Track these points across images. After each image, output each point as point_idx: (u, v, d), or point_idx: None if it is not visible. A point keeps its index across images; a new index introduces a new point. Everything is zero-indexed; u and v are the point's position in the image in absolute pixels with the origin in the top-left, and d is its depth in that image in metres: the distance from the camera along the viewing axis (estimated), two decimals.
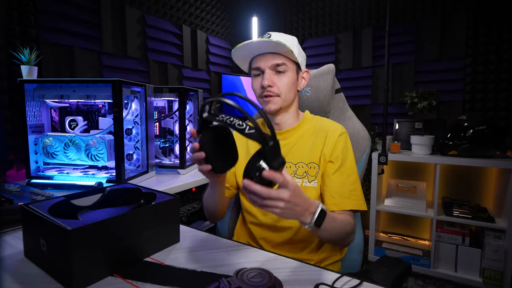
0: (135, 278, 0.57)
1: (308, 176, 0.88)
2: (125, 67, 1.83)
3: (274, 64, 0.87)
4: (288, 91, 0.89)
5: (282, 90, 0.88)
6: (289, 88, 0.89)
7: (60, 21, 1.48)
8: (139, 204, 0.76)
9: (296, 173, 0.89)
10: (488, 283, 1.79)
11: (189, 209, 1.51)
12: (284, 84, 0.88)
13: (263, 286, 0.50)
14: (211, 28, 2.52)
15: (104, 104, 1.28)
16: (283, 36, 0.88)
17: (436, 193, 1.90)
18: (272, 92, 0.88)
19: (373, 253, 2.14)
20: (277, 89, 0.88)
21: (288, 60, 0.88)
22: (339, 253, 0.95)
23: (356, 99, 2.48)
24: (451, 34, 2.13)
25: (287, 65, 0.88)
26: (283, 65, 0.87)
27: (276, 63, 0.87)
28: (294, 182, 0.58)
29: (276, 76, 0.88)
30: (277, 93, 0.88)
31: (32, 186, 1.09)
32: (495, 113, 2.03)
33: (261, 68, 0.88)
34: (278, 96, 0.88)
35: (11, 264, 0.62)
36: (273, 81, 0.87)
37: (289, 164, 0.90)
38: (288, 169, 0.90)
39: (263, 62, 0.88)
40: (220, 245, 0.73)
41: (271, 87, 0.87)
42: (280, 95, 0.88)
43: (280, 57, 0.87)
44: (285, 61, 0.87)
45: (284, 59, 0.87)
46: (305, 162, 0.89)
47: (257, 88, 0.91)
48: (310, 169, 0.89)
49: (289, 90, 0.89)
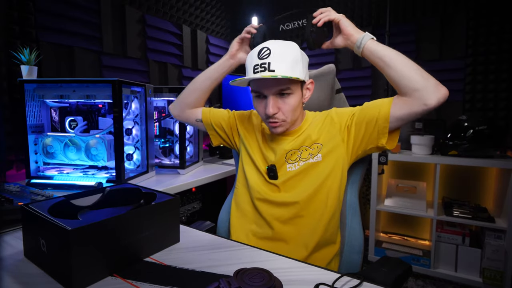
0: (135, 278, 0.57)
1: (312, 155, 0.90)
2: (125, 67, 1.83)
3: (278, 90, 0.84)
4: (293, 114, 0.88)
5: (287, 114, 0.86)
6: (295, 110, 0.87)
7: (60, 21, 1.47)
8: (139, 204, 0.76)
9: (300, 157, 0.91)
10: (488, 283, 1.78)
11: (189, 209, 1.51)
12: (290, 109, 0.86)
13: (263, 286, 0.50)
14: (211, 28, 2.52)
15: (104, 104, 1.28)
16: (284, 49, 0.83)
17: (436, 193, 1.90)
18: (278, 119, 0.86)
19: (373, 253, 2.14)
20: (283, 115, 0.86)
21: (293, 82, 0.84)
22: (338, 245, 0.94)
23: (356, 99, 2.47)
24: (451, 34, 2.13)
25: (292, 88, 0.84)
26: (288, 89, 0.84)
27: (280, 88, 0.83)
28: None
29: (281, 100, 0.85)
30: (283, 118, 0.87)
31: (32, 186, 1.09)
32: (495, 113, 2.03)
33: (263, 93, 0.85)
34: (284, 121, 0.87)
35: (11, 264, 0.62)
36: (278, 107, 0.85)
37: (293, 151, 0.92)
38: (293, 155, 0.91)
39: (266, 89, 0.84)
40: (220, 245, 0.73)
41: (276, 113, 0.85)
42: (286, 119, 0.87)
43: (284, 82, 0.83)
44: (289, 85, 0.83)
45: (288, 83, 0.83)
46: (308, 144, 0.91)
47: (261, 112, 0.89)
48: (313, 150, 0.91)
49: (295, 111, 0.88)
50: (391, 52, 0.82)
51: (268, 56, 0.81)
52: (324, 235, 0.90)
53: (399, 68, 0.79)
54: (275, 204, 0.91)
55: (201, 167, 1.64)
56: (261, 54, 0.82)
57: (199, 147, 1.63)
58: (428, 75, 0.78)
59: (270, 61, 0.80)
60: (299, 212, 0.89)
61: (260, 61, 0.81)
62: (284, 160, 0.92)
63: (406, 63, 0.80)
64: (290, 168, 0.91)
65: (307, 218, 0.89)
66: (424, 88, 0.76)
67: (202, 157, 1.70)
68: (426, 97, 0.76)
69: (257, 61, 0.82)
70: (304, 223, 0.89)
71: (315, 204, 0.89)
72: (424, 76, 0.77)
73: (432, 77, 0.78)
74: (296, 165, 0.91)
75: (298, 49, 0.86)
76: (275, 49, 0.82)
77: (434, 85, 0.76)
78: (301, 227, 0.89)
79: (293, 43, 0.87)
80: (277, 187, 0.92)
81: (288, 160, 0.92)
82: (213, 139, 1.10)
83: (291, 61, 0.82)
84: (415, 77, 0.77)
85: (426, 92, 0.76)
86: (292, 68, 0.81)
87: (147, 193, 0.77)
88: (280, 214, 0.90)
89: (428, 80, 0.77)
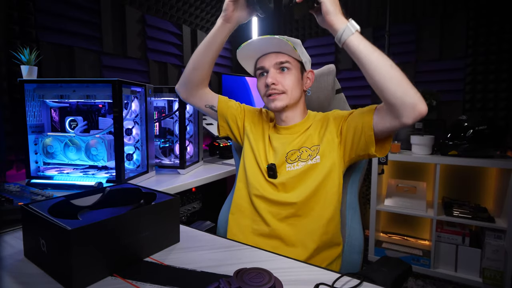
0: (135, 278, 0.57)
1: (311, 156, 0.91)
2: (125, 67, 1.83)
3: (278, 62, 0.90)
4: (293, 88, 0.91)
5: (287, 87, 0.91)
6: (294, 85, 0.91)
7: (60, 21, 1.47)
8: (139, 204, 0.76)
9: (300, 158, 0.92)
10: (488, 283, 1.78)
11: (189, 209, 1.51)
12: (289, 82, 0.90)
13: (263, 286, 0.50)
14: (211, 28, 2.52)
15: (104, 104, 1.28)
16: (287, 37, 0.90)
17: (436, 193, 1.90)
18: (277, 90, 0.90)
19: (373, 253, 2.14)
20: (282, 87, 0.90)
21: (292, 59, 0.92)
22: (340, 247, 0.94)
23: (356, 99, 2.47)
24: (451, 34, 2.13)
25: (291, 63, 0.91)
26: (287, 62, 0.90)
27: (280, 61, 0.90)
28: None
29: (280, 74, 0.91)
30: (282, 90, 0.90)
31: (32, 186, 1.09)
32: (495, 113, 2.03)
33: (265, 67, 0.92)
34: (283, 93, 0.90)
35: (11, 264, 0.62)
36: (277, 79, 0.90)
37: (293, 151, 0.93)
38: (293, 155, 0.92)
39: (267, 61, 0.92)
40: (220, 245, 0.73)
41: (275, 84, 0.90)
42: (286, 92, 0.91)
43: (283, 55, 0.90)
44: (288, 59, 0.91)
45: (287, 57, 0.91)
46: (308, 146, 0.92)
47: (262, 87, 0.94)
48: (313, 151, 0.91)
49: (294, 87, 0.92)
50: (372, 56, 0.73)
51: None
52: (324, 237, 0.89)
53: (377, 78, 0.73)
54: (272, 202, 0.92)
55: (201, 167, 1.64)
56: None
57: (199, 147, 1.63)
58: (408, 89, 0.71)
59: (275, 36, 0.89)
60: (297, 212, 0.89)
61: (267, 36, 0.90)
62: (285, 159, 0.93)
63: (387, 72, 0.72)
64: (290, 168, 0.92)
65: (305, 218, 0.89)
66: (401, 105, 0.72)
67: (202, 157, 1.70)
68: (402, 114, 0.72)
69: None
70: (301, 223, 0.89)
71: (312, 206, 0.89)
72: (404, 90, 0.71)
73: (412, 91, 0.71)
74: (295, 165, 0.91)
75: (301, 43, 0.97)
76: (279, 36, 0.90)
77: (412, 102, 0.71)
78: (299, 227, 0.89)
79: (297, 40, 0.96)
80: (276, 186, 0.92)
81: (288, 159, 0.93)
82: (221, 130, 1.09)
83: (293, 41, 0.91)
84: (394, 91, 0.72)
85: (403, 110, 0.72)
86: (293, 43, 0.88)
87: (147, 193, 0.77)
88: (277, 212, 0.91)
89: (407, 96, 0.71)
